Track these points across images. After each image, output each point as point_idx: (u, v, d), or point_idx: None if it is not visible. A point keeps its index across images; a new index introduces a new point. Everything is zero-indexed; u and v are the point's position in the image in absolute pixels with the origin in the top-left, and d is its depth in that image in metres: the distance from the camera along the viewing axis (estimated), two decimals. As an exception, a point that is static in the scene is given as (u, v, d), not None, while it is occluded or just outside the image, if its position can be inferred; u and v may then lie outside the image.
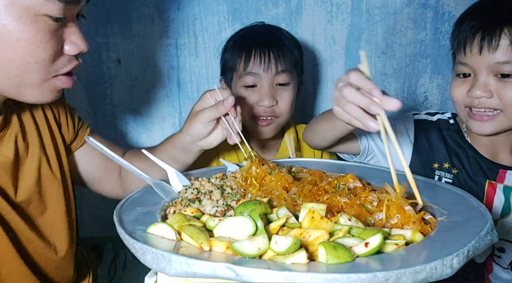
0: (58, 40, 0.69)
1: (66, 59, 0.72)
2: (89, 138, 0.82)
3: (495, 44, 0.84)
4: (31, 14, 0.65)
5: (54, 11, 0.66)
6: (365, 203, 0.65)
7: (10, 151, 0.78)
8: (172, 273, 0.48)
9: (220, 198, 0.68)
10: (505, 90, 0.86)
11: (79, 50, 0.72)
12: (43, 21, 0.66)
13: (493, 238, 0.54)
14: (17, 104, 0.77)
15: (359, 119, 0.65)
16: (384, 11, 1.37)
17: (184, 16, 1.33)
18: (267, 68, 1.09)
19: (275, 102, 1.11)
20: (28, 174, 0.82)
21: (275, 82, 1.11)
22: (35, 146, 0.84)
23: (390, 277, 0.43)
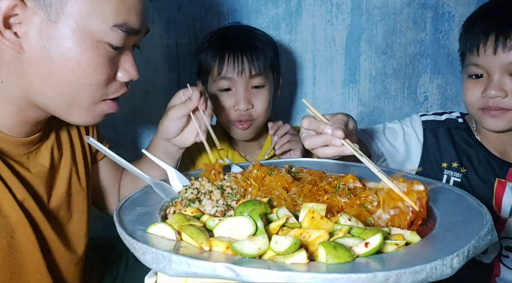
0: (113, 67, 0.74)
1: (117, 85, 0.77)
2: (89, 138, 0.83)
3: (510, 44, 0.85)
4: (94, 40, 0.69)
5: (116, 40, 0.71)
6: (365, 203, 0.65)
7: (46, 160, 0.81)
8: (172, 273, 0.48)
9: (220, 198, 0.68)
10: None
11: (130, 77, 0.77)
12: (103, 48, 0.71)
13: (493, 238, 0.53)
14: (58, 120, 0.80)
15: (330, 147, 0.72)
16: (384, 11, 1.37)
17: (184, 16, 1.33)
18: (241, 72, 1.09)
19: (251, 106, 1.12)
20: (61, 183, 0.84)
21: (250, 85, 1.12)
22: (68, 156, 0.87)
23: (390, 277, 0.43)
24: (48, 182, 0.81)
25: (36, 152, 0.80)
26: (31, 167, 0.78)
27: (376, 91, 1.44)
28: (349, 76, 1.42)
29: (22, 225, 0.73)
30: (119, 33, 0.70)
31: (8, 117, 0.73)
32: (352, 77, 1.42)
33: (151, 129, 1.40)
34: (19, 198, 0.73)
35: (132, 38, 0.74)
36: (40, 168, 0.80)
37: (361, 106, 1.45)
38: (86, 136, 0.86)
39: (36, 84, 0.70)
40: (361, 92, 1.44)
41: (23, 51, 0.67)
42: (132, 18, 0.71)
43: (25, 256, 0.75)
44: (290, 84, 1.43)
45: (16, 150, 0.75)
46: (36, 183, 0.78)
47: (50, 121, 0.83)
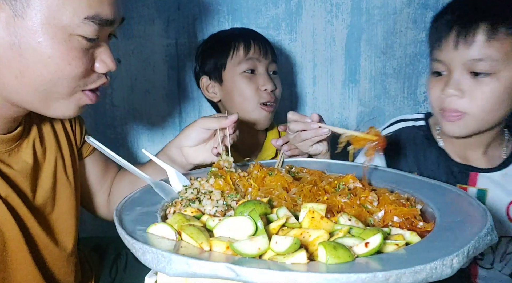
0: (89, 58, 0.71)
1: (95, 76, 0.74)
2: (89, 138, 0.83)
3: (471, 39, 0.83)
4: (65, 34, 0.66)
5: (89, 33, 0.68)
6: (365, 203, 0.65)
7: (29, 156, 0.80)
8: (172, 273, 0.48)
9: (220, 198, 0.68)
10: (477, 89, 0.84)
11: (108, 68, 0.75)
12: (76, 41, 0.68)
13: (493, 238, 0.53)
14: (39, 115, 0.78)
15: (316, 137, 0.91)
16: (384, 11, 1.37)
17: (184, 16, 1.33)
18: (266, 55, 1.15)
19: (274, 87, 1.16)
20: (46, 178, 0.83)
21: (270, 70, 1.17)
22: (52, 151, 0.86)
23: (390, 277, 0.43)
24: (33, 178, 0.80)
25: (18, 148, 0.78)
26: (13, 164, 0.77)
27: (376, 91, 1.44)
28: (349, 76, 1.42)
29: (7, 222, 0.73)
30: (92, 25, 0.67)
31: None
32: (352, 77, 1.42)
33: (151, 129, 1.40)
34: (2, 195, 0.72)
35: (107, 29, 0.71)
36: (23, 165, 0.78)
37: (361, 106, 1.45)
38: (86, 136, 0.85)
39: (9, 82, 0.68)
40: (361, 92, 1.44)
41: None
42: (105, 9, 0.68)
43: (12, 253, 0.75)
44: (290, 84, 1.43)
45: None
46: (19, 179, 0.77)
47: (31, 116, 0.81)
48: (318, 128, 0.89)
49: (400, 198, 0.67)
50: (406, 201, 0.66)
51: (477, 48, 0.82)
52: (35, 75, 0.67)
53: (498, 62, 0.82)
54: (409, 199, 0.68)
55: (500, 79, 0.83)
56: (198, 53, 1.24)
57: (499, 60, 0.81)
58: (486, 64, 0.82)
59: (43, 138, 0.85)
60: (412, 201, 0.67)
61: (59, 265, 0.84)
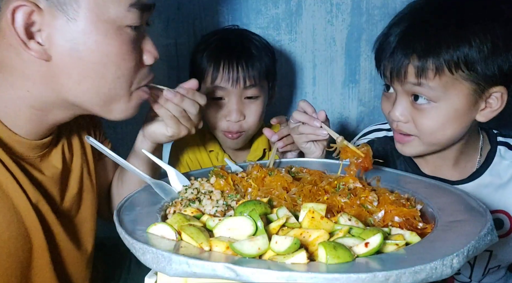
0: (138, 50, 0.73)
1: (145, 70, 0.75)
2: (89, 138, 0.82)
3: (402, 76, 0.80)
4: (116, 27, 0.67)
5: (134, 20, 0.69)
6: (365, 203, 0.65)
7: (58, 162, 0.80)
8: (172, 273, 0.48)
9: (220, 198, 0.68)
10: (418, 117, 0.81)
11: (154, 57, 0.76)
12: (126, 33, 0.69)
13: (493, 238, 0.53)
14: (66, 122, 0.78)
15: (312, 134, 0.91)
16: (384, 11, 1.37)
17: (184, 16, 1.33)
18: (236, 83, 1.06)
19: (242, 117, 1.09)
20: (73, 183, 0.84)
21: (244, 96, 1.09)
22: (79, 156, 0.86)
23: (390, 277, 0.43)
24: (62, 184, 0.80)
25: (48, 154, 0.79)
26: (44, 169, 0.77)
27: (376, 91, 1.44)
28: (349, 76, 1.42)
29: (35, 229, 0.73)
30: (136, 12, 0.68)
31: (31, 121, 0.72)
32: (352, 77, 1.42)
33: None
34: (33, 201, 0.72)
35: (145, 15, 0.72)
36: (53, 170, 0.79)
37: (361, 106, 1.45)
38: (86, 136, 0.85)
39: (71, 89, 0.68)
40: (361, 92, 1.44)
41: (50, 59, 0.66)
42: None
43: (36, 259, 0.74)
44: (290, 84, 1.43)
45: (30, 152, 0.74)
46: (49, 185, 0.77)
47: (61, 127, 0.82)
48: (318, 127, 0.88)
49: (400, 198, 0.67)
50: (406, 201, 0.66)
51: (410, 83, 0.79)
52: (97, 78, 0.68)
53: (436, 93, 0.78)
54: (409, 199, 0.68)
55: (442, 107, 0.80)
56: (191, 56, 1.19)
57: (436, 90, 0.78)
58: (423, 94, 0.79)
59: (71, 143, 0.85)
60: (412, 201, 0.67)
61: (78, 270, 0.84)
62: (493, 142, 0.94)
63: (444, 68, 0.76)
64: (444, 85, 0.78)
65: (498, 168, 0.92)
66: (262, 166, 0.79)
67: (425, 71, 0.77)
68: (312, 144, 0.93)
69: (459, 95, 0.78)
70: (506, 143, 0.94)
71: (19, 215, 0.70)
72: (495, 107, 0.81)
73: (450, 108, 0.79)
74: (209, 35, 1.17)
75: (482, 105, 0.81)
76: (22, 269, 0.73)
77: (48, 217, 0.76)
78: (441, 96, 0.78)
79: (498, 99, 0.81)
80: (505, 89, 0.79)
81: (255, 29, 1.36)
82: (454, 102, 0.79)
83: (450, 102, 0.79)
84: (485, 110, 0.82)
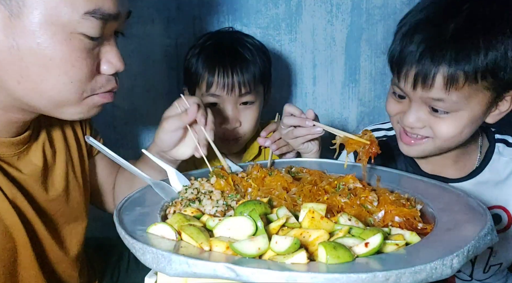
0: (93, 59, 0.67)
1: (103, 79, 0.70)
2: (89, 138, 0.82)
3: (429, 83, 0.77)
4: (66, 33, 0.62)
5: (91, 30, 0.63)
6: (365, 203, 0.65)
7: (38, 159, 0.78)
8: (172, 273, 0.48)
9: (220, 198, 0.68)
10: (436, 124, 0.81)
11: (115, 69, 0.70)
12: (78, 40, 0.63)
13: (493, 238, 0.53)
14: (48, 117, 0.76)
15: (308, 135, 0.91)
16: (384, 11, 1.37)
17: (184, 16, 1.33)
18: (231, 91, 1.05)
19: (238, 124, 1.09)
20: (57, 181, 0.82)
21: (239, 102, 1.08)
22: (62, 152, 0.84)
23: (390, 277, 0.43)
24: (43, 181, 0.79)
25: (27, 151, 0.76)
26: (22, 167, 0.75)
27: (376, 91, 1.44)
28: (349, 76, 1.42)
29: (15, 224, 0.72)
30: (93, 21, 0.62)
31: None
32: (352, 77, 1.42)
33: (151, 129, 1.40)
34: (10, 197, 0.71)
35: (111, 24, 0.66)
36: (32, 167, 0.77)
37: (361, 106, 1.45)
38: (86, 136, 0.85)
39: (12, 87, 0.64)
40: (361, 92, 1.44)
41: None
42: (107, 2, 0.63)
43: (19, 256, 0.74)
44: (290, 84, 1.43)
45: (6, 150, 0.72)
46: (28, 183, 0.75)
47: (40, 119, 0.79)
48: (312, 126, 0.88)
49: (400, 198, 0.67)
50: (406, 201, 0.66)
51: (436, 91, 0.77)
52: (38, 80, 0.64)
53: (458, 103, 0.78)
54: (409, 199, 0.68)
55: (461, 116, 0.79)
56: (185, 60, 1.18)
57: (459, 101, 0.77)
58: (446, 104, 0.78)
59: (53, 140, 0.83)
60: (412, 201, 0.67)
61: (63, 268, 0.84)
62: (492, 139, 0.95)
63: (473, 77, 0.75)
64: (467, 97, 0.77)
65: (497, 165, 0.93)
66: (262, 166, 0.79)
67: (456, 82, 0.75)
68: (309, 143, 0.94)
69: (480, 103, 0.79)
70: (504, 140, 0.95)
71: None
72: (503, 109, 0.83)
73: (469, 116, 0.80)
74: (202, 39, 1.16)
75: (493, 108, 0.83)
76: (7, 266, 0.72)
77: (29, 215, 0.74)
78: (462, 107, 0.79)
79: (507, 102, 0.82)
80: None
81: (255, 29, 1.36)
82: (474, 111, 0.80)
83: (470, 110, 0.79)
84: (494, 112, 0.83)
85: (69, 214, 0.84)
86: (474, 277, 0.96)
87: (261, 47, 1.16)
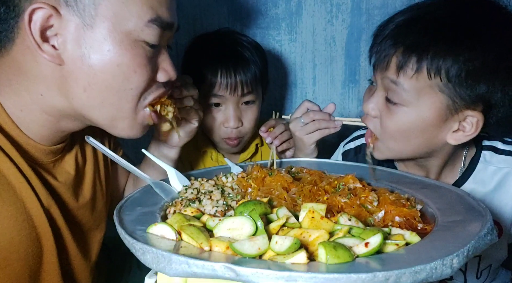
0: (152, 67, 0.72)
1: (154, 86, 0.74)
2: (89, 138, 0.82)
3: (385, 64, 0.78)
4: (131, 40, 0.67)
5: (152, 37, 0.68)
6: (365, 203, 0.65)
7: (71, 167, 0.81)
8: (172, 273, 0.48)
9: (220, 198, 0.68)
10: (385, 116, 0.80)
11: (168, 77, 0.75)
12: (141, 47, 0.68)
13: (493, 238, 0.53)
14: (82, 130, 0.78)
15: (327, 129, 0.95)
16: (384, 11, 1.37)
17: (184, 16, 1.33)
18: (234, 92, 1.07)
19: (240, 124, 1.10)
20: (86, 189, 0.84)
21: (241, 102, 1.10)
22: (91, 162, 0.86)
23: (390, 277, 0.44)
24: (74, 190, 0.81)
25: (62, 159, 0.79)
26: (57, 174, 0.77)
27: (376, 91, 1.44)
28: (349, 76, 1.42)
29: (46, 233, 0.73)
30: (155, 28, 0.68)
31: (44, 126, 0.72)
32: (352, 77, 1.42)
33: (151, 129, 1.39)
34: (45, 206, 0.72)
35: (166, 33, 0.72)
36: (66, 176, 0.79)
37: (361, 106, 1.45)
38: (86, 136, 0.85)
39: (78, 95, 0.68)
40: (361, 92, 1.44)
41: (63, 63, 0.66)
42: (164, 12, 0.70)
43: (45, 264, 0.74)
44: (290, 84, 1.43)
45: (44, 157, 0.75)
46: (62, 190, 0.77)
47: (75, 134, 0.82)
48: (333, 120, 0.93)
49: (400, 198, 0.67)
50: (406, 201, 0.66)
51: (390, 74, 0.77)
52: (103, 86, 0.67)
53: (409, 95, 0.76)
54: (409, 199, 0.68)
55: (410, 113, 0.77)
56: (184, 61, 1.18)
57: (410, 92, 0.75)
58: (397, 91, 0.76)
59: (84, 150, 0.86)
60: (412, 201, 0.67)
61: (83, 275, 0.84)
62: (478, 147, 0.90)
63: (424, 70, 0.73)
64: (419, 90, 0.75)
65: (483, 175, 0.88)
66: (262, 167, 0.79)
67: (405, 67, 0.75)
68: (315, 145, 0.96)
69: (431, 106, 0.75)
70: (492, 146, 0.89)
71: (31, 220, 0.70)
72: (468, 132, 0.77)
73: (417, 116, 0.77)
74: (200, 40, 1.16)
75: (455, 126, 0.78)
76: (32, 273, 0.72)
77: (59, 222, 0.75)
78: (412, 102, 0.76)
79: (473, 125, 0.77)
80: (481, 116, 0.76)
81: (255, 29, 1.36)
82: (423, 112, 0.76)
83: (419, 110, 0.76)
84: (458, 132, 0.78)
85: (93, 222, 0.86)
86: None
87: (257, 46, 1.17)
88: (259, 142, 1.22)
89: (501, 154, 0.88)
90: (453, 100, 0.74)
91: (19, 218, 0.68)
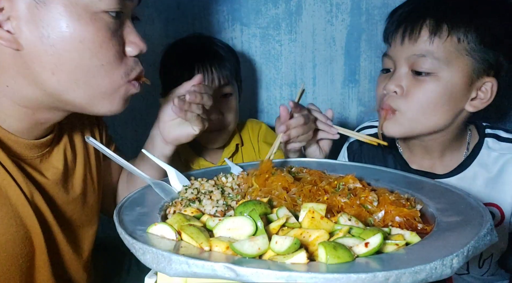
0: (118, 40, 0.69)
1: (131, 61, 0.72)
2: (89, 138, 0.82)
3: (416, 35, 0.83)
4: (90, 12, 0.64)
5: (111, 5, 0.65)
6: (365, 203, 0.65)
7: (60, 162, 0.79)
8: (172, 273, 0.48)
9: (220, 198, 0.68)
10: (416, 88, 0.84)
11: (139, 49, 0.72)
12: (102, 19, 0.65)
13: (493, 238, 0.53)
14: (70, 120, 0.77)
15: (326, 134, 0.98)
16: (384, 11, 1.37)
17: (184, 16, 1.33)
18: (211, 82, 1.10)
19: (221, 115, 1.13)
20: (76, 185, 0.82)
21: (219, 94, 1.13)
22: (81, 156, 0.85)
23: (390, 277, 0.43)
24: (63, 185, 0.79)
25: (49, 154, 0.77)
26: (44, 170, 0.76)
27: (376, 91, 1.44)
28: (349, 76, 1.42)
29: (35, 230, 0.72)
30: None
31: (20, 120, 0.70)
32: (352, 77, 1.42)
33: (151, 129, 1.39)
34: (33, 202, 0.71)
35: (127, 3, 0.69)
36: (54, 171, 0.77)
37: (361, 106, 1.45)
38: (86, 136, 0.85)
39: (47, 79, 0.65)
40: (361, 92, 1.44)
41: (22, 47, 0.62)
42: None
43: (36, 261, 0.74)
44: (290, 84, 1.43)
45: (29, 153, 0.73)
46: (50, 186, 0.76)
47: (62, 123, 0.80)
48: (331, 126, 0.95)
49: (400, 198, 0.67)
50: (406, 201, 0.66)
51: (421, 43, 0.83)
52: (72, 66, 0.64)
53: (440, 62, 0.82)
54: (409, 199, 0.68)
55: (441, 80, 0.83)
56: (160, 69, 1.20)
57: (441, 59, 0.82)
58: (428, 61, 0.82)
59: (74, 144, 0.84)
60: (412, 201, 0.67)
61: (76, 271, 0.84)
62: (481, 134, 0.95)
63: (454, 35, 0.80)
64: (449, 55, 0.81)
65: (486, 160, 0.92)
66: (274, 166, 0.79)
67: (439, 32, 0.81)
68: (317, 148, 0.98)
69: (459, 69, 0.82)
70: (494, 134, 0.95)
71: (19, 217, 0.69)
72: (484, 98, 0.85)
73: (447, 82, 0.82)
74: (175, 44, 1.19)
75: (474, 94, 0.84)
76: (23, 270, 0.72)
77: (48, 218, 0.75)
78: (443, 68, 0.82)
79: (488, 91, 0.84)
80: (495, 81, 0.84)
81: (255, 29, 1.36)
82: (453, 77, 0.82)
83: (449, 75, 0.82)
84: (475, 100, 0.85)
85: (84, 217, 0.85)
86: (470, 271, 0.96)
87: (230, 47, 1.22)
88: (239, 142, 1.25)
89: (504, 141, 0.93)
90: (478, 64, 0.82)
91: (5, 217, 0.67)
